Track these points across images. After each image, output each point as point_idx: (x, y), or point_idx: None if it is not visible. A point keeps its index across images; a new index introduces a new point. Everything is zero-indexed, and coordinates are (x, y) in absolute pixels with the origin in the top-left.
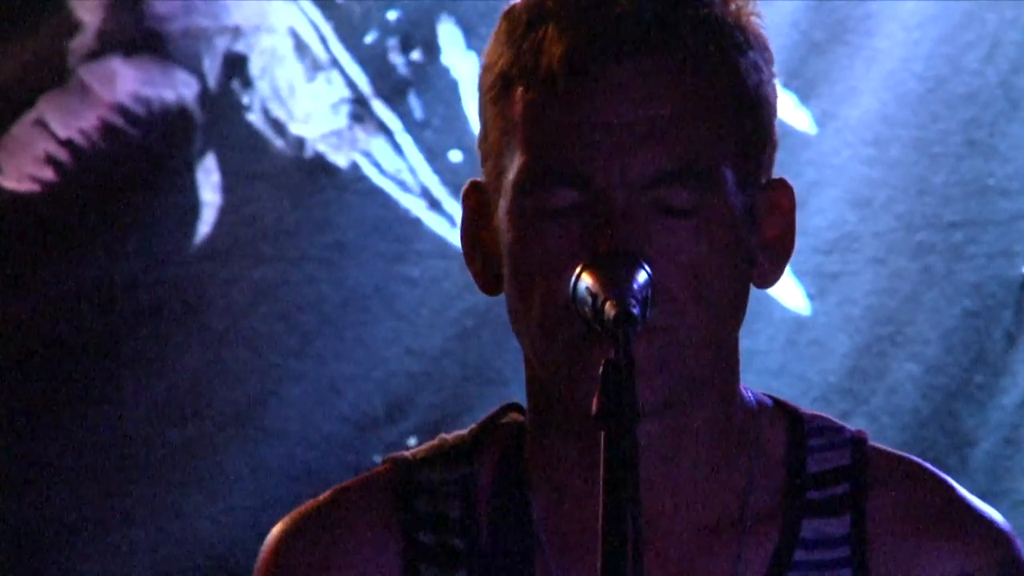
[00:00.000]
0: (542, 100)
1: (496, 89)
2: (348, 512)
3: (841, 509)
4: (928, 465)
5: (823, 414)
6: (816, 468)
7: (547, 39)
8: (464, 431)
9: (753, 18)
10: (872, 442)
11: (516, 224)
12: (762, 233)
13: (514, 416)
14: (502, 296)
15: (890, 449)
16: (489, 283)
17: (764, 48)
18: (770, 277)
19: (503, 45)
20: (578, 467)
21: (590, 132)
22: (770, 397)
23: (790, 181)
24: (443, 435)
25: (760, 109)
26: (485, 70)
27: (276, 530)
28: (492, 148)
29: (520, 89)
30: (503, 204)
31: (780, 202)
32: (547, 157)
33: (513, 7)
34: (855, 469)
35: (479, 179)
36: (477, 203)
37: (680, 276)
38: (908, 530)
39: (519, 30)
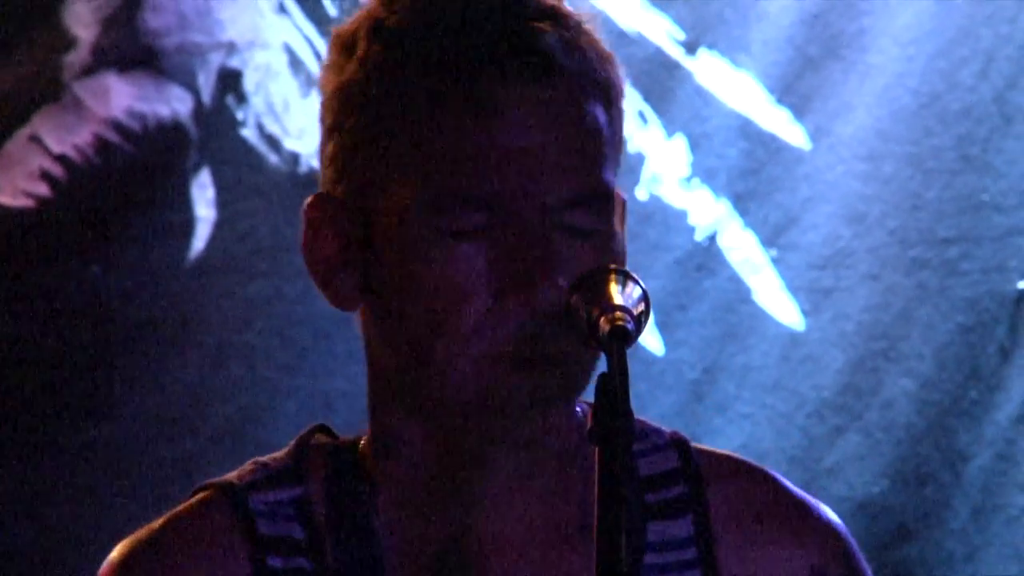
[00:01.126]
0: (448, 117)
1: (376, 104)
2: (189, 538)
3: (681, 511)
4: (750, 460)
5: (638, 417)
6: (647, 471)
7: (442, 48)
8: (278, 453)
9: (595, 28)
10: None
11: (419, 249)
12: None
13: (321, 438)
14: None
15: (711, 448)
16: (351, 300)
17: (612, 57)
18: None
19: (378, 50)
20: (429, 477)
21: (503, 154)
22: (586, 403)
23: (784, 197)
24: (258, 459)
25: (621, 119)
26: (357, 67)
27: (112, 556)
28: (365, 159)
29: (418, 103)
30: (389, 222)
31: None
32: (454, 180)
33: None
34: (686, 471)
35: (323, 192)
36: (324, 216)
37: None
38: (750, 527)
39: (409, 38)
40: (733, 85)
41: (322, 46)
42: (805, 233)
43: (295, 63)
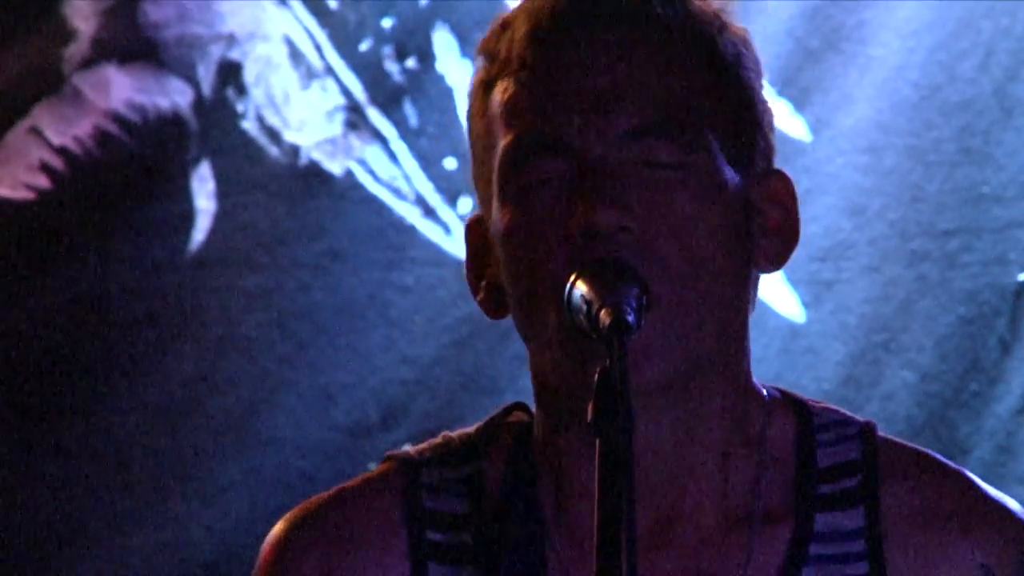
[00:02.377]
0: (515, 83)
1: (477, 101)
2: (352, 512)
3: (854, 502)
4: (940, 457)
5: (832, 406)
6: (826, 462)
7: (516, 28)
8: (470, 429)
9: (733, 19)
10: (881, 433)
11: (504, 205)
12: (764, 222)
13: (519, 415)
14: None
15: (900, 440)
16: (495, 308)
17: (746, 40)
18: (775, 261)
19: (478, 67)
20: (584, 461)
21: (562, 99)
22: (778, 390)
23: None
24: (447, 433)
25: (742, 88)
26: (469, 102)
27: (277, 530)
28: (479, 163)
29: (497, 84)
30: (495, 203)
31: (779, 191)
32: (524, 132)
33: (482, 40)
34: (865, 462)
35: (478, 213)
36: (478, 236)
37: (670, 236)
38: (923, 522)
39: (490, 44)
40: None
41: (322, 38)
42: (805, 225)
43: (295, 55)
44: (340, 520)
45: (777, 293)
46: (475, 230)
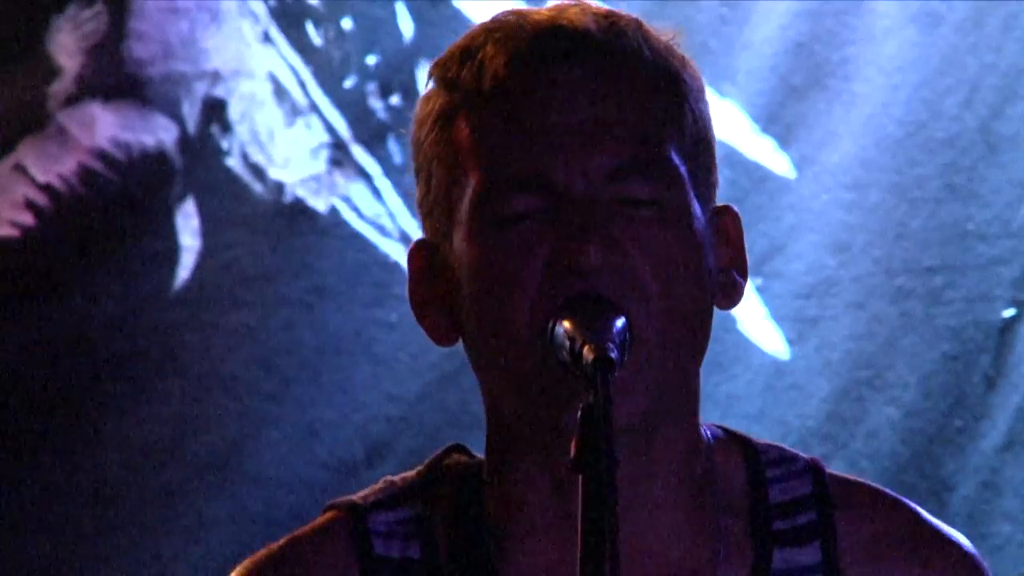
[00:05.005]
0: (489, 113)
1: (436, 131)
2: (305, 561)
3: (810, 538)
4: (887, 490)
5: (775, 443)
6: (778, 498)
7: (486, 58)
8: (411, 472)
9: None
10: (829, 470)
11: (476, 239)
12: (719, 259)
13: (457, 457)
14: None
15: (847, 475)
16: (445, 334)
17: (697, 72)
18: (731, 298)
19: (435, 91)
20: (545, 507)
21: (542, 135)
22: (720, 427)
23: (769, 225)
24: (388, 477)
25: (703, 124)
26: (418, 125)
27: None
28: (438, 192)
29: (463, 115)
30: (459, 234)
31: (729, 227)
32: (503, 166)
33: (437, 61)
34: (817, 497)
35: (423, 238)
36: (424, 260)
37: (652, 272)
38: (876, 555)
39: (451, 69)
40: (718, 114)
41: (307, 75)
42: (790, 262)
43: (280, 92)
44: (294, 570)
45: (762, 330)
46: (419, 254)
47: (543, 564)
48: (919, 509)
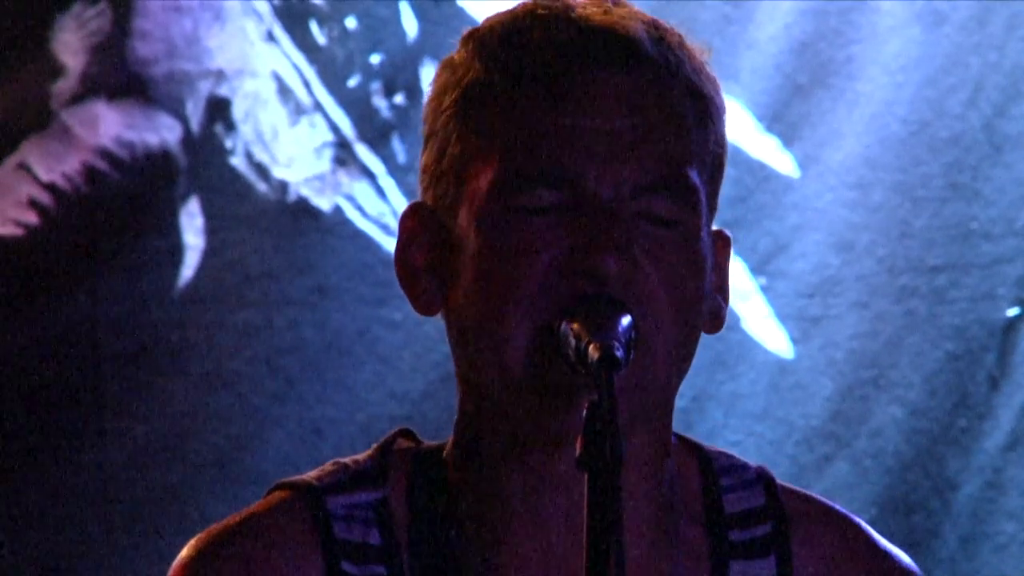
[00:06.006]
0: (528, 102)
1: (462, 102)
2: (264, 540)
3: (766, 551)
4: (837, 505)
5: (724, 450)
6: (733, 508)
7: (533, 44)
8: (359, 456)
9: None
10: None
11: (487, 223)
12: (710, 283)
13: (404, 442)
14: None
15: (794, 487)
16: (430, 302)
17: (722, 93)
18: (714, 323)
19: (469, 61)
20: (520, 502)
21: (581, 135)
22: (673, 433)
23: (773, 224)
24: (339, 460)
25: (720, 142)
26: (441, 90)
27: (184, 555)
28: (450, 163)
29: (498, 94)
30: (467, 212)
31: (720, 253)
32: (533, 157)
33: (473, 31)
34: (772, 510)
35: (420, 201)
36: (420, 224)
37: (662, 286)
38: (827, 571)
39: (492, 44)
40: None
41: (311, 74)
42: (794, 261)
43: (284, 91)
44: (252, 547)
45: (765, 328)
46: (415, 216)
47: (513, 558)
48: (865, 525)
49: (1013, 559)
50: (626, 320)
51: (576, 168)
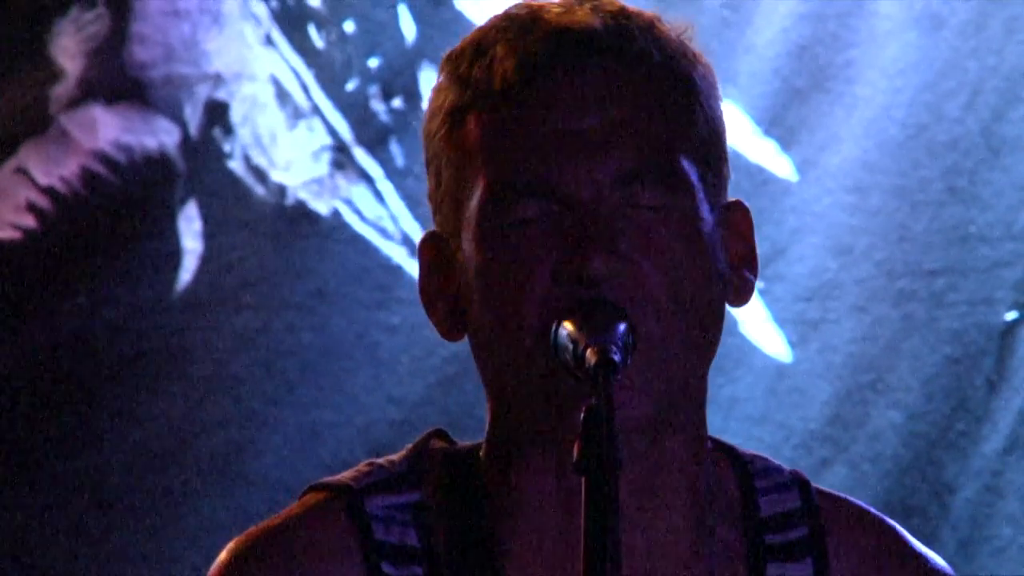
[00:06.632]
0: (498, 117)
1: (446, 127)
2: (304, 541)
3: (803, 554)
4: (872, 508)
5: (758, 453)
6: (769, 511)
7: (496, 59)
8: (394, 456)
9: (692, 42)
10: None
11: (484, 242)
12: (729, 255)
13: (438, 443)
14: None
15: (831, 491)
16: (452, 327)
17: (710, 68)
18: (742, 295)
19: (447, 85)
20: (550, 505)
21: (550, 140)
22: (707, 434)
23: (771, 228)
24: (373, 460)
25: (714, 122)
26: (430, 117)
27: (224, 559)
28: (447, 189)
29: (473, 115)
30: (467, 234)
31: (740, 223)
32: (510, 171)
33: (450, 53)
34: (808, 513)
35: (434, 230)
36: (434, 252)
37: (657, 276)
38: (869, 575)
39: (463, 65)
40: None
41: (309, 78)
42: (792, 265)
43: (282, 95)
44: (291, 550)
45: (764, 333)
46: (431, 246)
47: (546, 560)
48: (900, 528)
49: (1011, 563)
50: (624, 324)
51: (553, 174)
